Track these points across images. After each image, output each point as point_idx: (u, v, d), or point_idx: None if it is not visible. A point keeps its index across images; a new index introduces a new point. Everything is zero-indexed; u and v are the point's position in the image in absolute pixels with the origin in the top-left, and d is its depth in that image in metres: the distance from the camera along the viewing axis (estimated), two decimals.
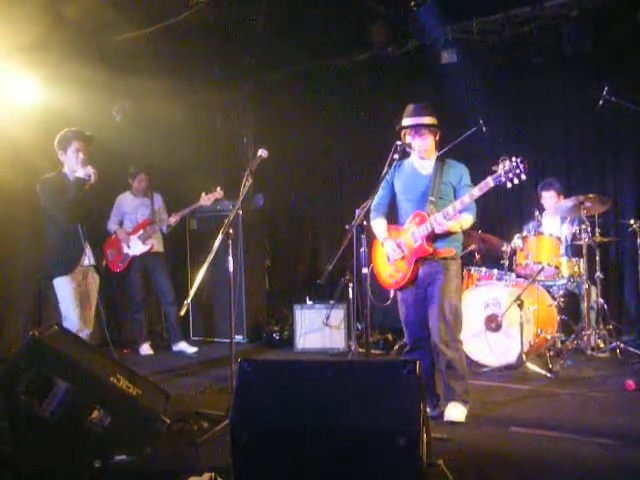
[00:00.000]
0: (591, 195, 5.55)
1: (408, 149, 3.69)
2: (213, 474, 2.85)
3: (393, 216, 4.24)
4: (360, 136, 7.56)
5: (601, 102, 5.48)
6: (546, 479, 3.10)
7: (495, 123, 6.12)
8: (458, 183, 4.02)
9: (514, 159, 3.59)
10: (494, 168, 3.68)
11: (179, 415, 3.96)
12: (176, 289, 6.64)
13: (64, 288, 4.56)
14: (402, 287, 4.08)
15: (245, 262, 7.07)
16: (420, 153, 4.03)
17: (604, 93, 5.47)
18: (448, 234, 3.95)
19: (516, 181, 3.64)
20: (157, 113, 6.59)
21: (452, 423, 3.86)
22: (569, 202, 5.65)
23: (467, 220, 3.99)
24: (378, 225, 4.18)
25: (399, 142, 3.71)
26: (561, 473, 3.12)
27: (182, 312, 4.18)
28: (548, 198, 6.15)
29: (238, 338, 6.87)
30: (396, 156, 3.66)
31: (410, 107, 4.05)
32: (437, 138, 4.08)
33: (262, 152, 4.12)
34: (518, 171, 3.59)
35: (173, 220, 6.36)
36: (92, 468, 3.16)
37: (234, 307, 4.26)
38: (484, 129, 5.65)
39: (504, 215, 7.05)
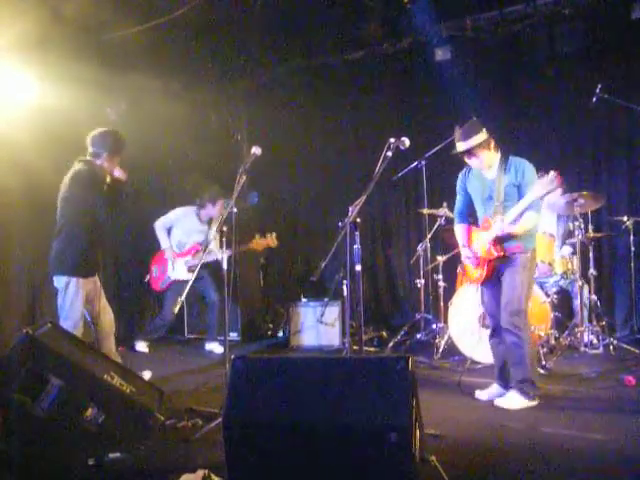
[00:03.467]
0: (585, 192, 5.56)
1: (402, 147, 3.70)
2: (207, 471, 2.85)
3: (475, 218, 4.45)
4: (354, 134, 7.56)
5: (595, 99, 5.49)
6: (540, 475, 3.10)
7: (489, 120, 6.11)
8: (520, 182, 4.13)
9: (551, 174, 3.80)
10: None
11: (173, 412, 3.95)
12: None
13: (77, 291, 4.37)
14: (484, 282, 4.33)
15: (239, 260, 7.04)
16: (482, 170, 4.26)
17: (598, 90, 5.48)
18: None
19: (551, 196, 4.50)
20: (151, 111, 6.57)
21: (456, 418, 3.94)
22: (562, 199, 5.66)
23: (529, 220, 4.10)
24: (458, 231, 4.49)
25: (392, 140, 3.72)
26: (555, 469, 3.13)
27: (175, 309, 4.21)
28: (554, 193, 6.08)
29: (233, 336, 6.87)
30: (389, 154, 3.67)
31: (457, 132, 4.23)
32: (492, 146, 4.19)
33: (256, 150, 4.13)
34: (552, 186, 3.86)
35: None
36: (86, 466, 3.16)
37: (229, 305, 4.27)
38: None
39: None
